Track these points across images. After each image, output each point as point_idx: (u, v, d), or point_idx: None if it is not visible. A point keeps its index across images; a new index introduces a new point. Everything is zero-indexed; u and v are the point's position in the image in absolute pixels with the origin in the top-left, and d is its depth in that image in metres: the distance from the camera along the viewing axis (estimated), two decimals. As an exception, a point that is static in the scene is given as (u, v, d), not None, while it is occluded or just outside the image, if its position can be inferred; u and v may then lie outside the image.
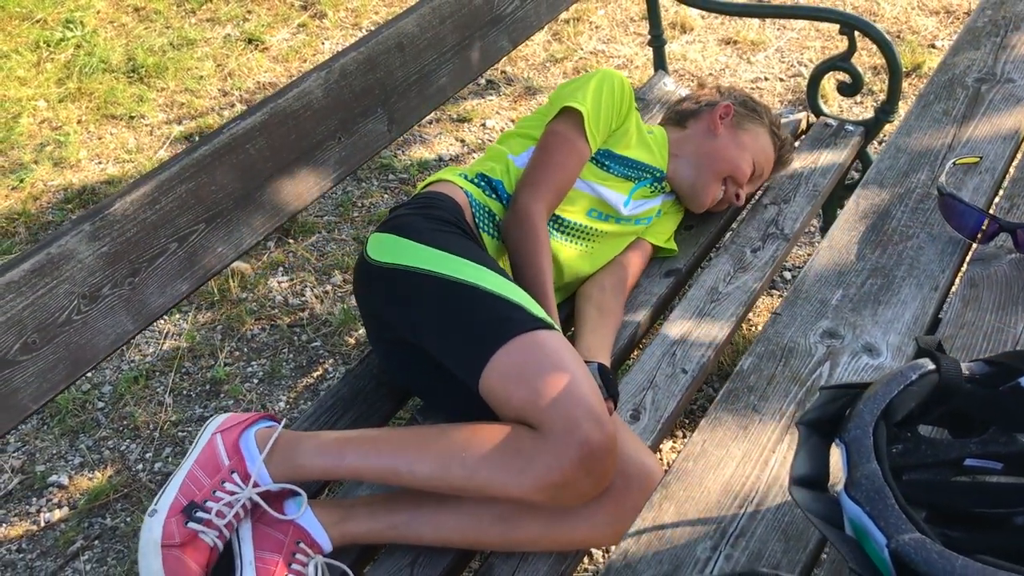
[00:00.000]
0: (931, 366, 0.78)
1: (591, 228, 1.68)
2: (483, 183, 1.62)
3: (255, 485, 1.28)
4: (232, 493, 1.28)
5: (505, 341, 1.29)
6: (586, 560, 1.79)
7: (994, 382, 0.80)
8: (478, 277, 1.37)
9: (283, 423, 1.35)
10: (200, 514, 1.25)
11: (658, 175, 1.76)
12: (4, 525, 1.97)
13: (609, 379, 1.43)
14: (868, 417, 0.74)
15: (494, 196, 1.60)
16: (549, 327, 1.32)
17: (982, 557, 0.65)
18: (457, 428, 1.29)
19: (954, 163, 1.26)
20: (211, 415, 2.15)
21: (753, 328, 2.28)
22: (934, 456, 0.82)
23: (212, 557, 1.27)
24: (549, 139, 1.61)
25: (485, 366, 1.29)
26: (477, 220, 1.56)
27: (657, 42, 2.35)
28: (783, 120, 2.17)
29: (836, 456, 0.84)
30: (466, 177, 1.63)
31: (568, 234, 1.67)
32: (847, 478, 0.72)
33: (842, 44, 2.11)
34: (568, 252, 1.66)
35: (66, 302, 1.20)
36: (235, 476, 1.29)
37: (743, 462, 0.91)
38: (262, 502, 1.28)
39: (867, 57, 3.15)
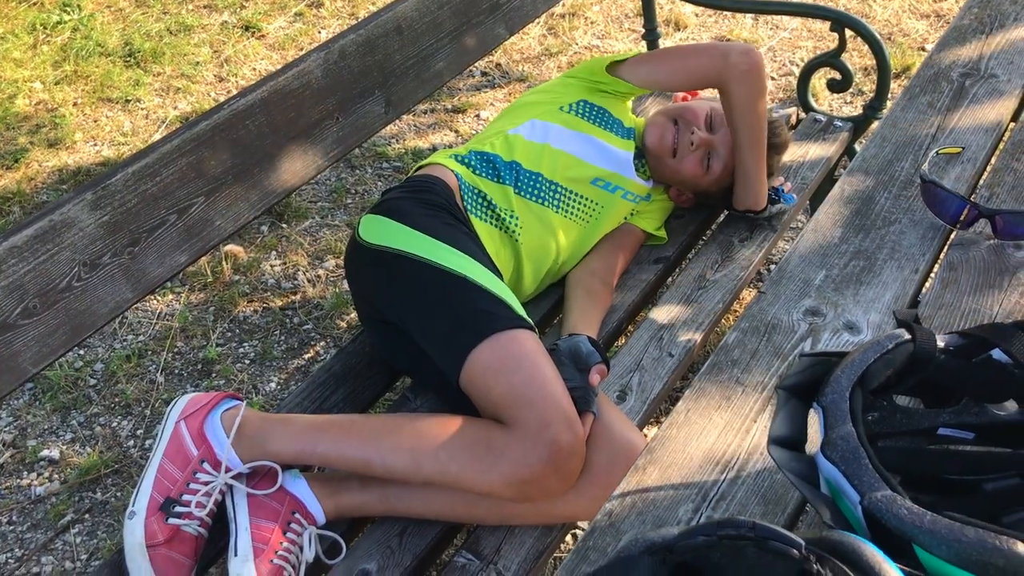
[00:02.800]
0: (907, 336, 0.81)
1: (592, 201, 1.71)
2: (475, 160, 1.64)
3: (227, 470, 1.30)
4: (206, 483, 1.30)
5: (486, 336, 1.33)
6: (569, 539, 1.82)
7: (968, 354, 0.83)
8: (465, 268, 1.40)
9: (244, 404, 1.37)
10: (179, 508, 1.27)
11: (638, 144, 1.81)
12: (-5, 498, 1.99)
13: (599, 347, 1.46)
14: (845, 383, 0.78)
15: (487, 174, 1.62)
16: (529, 327, 1.36)
17: (950, 514, 0.68)
18: (430, 420, 1.32)
19: (937, 152, 1.29)
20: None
21: (736, 320, 2.31)
22: (908, 424, 0.85)
23: (198, 544, 1.30)
24: (646, 59, 1.75)
25: (466, 360, 1.32)
26: (466, 203, 1.59)
27: (651, 35, 2.38)
28: (773, 114, 2.20)
29: (813, 421, 0.88)
30: (458, 158, 1.65)
31: (568, 207, 1.69)
32: (823, 439, 0.75)
33: (833, 43, 2.15)
34: (566, 226, 1.68)
35: (67, 269, 1.22)
36: (205, 465, 1.30)
37: (725, 430, 0.94)
38: (238, 484, 1.30)
39: (858, 58, 3.19)
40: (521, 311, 1.39)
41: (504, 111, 1.80)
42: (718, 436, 0.94)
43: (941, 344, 0.83)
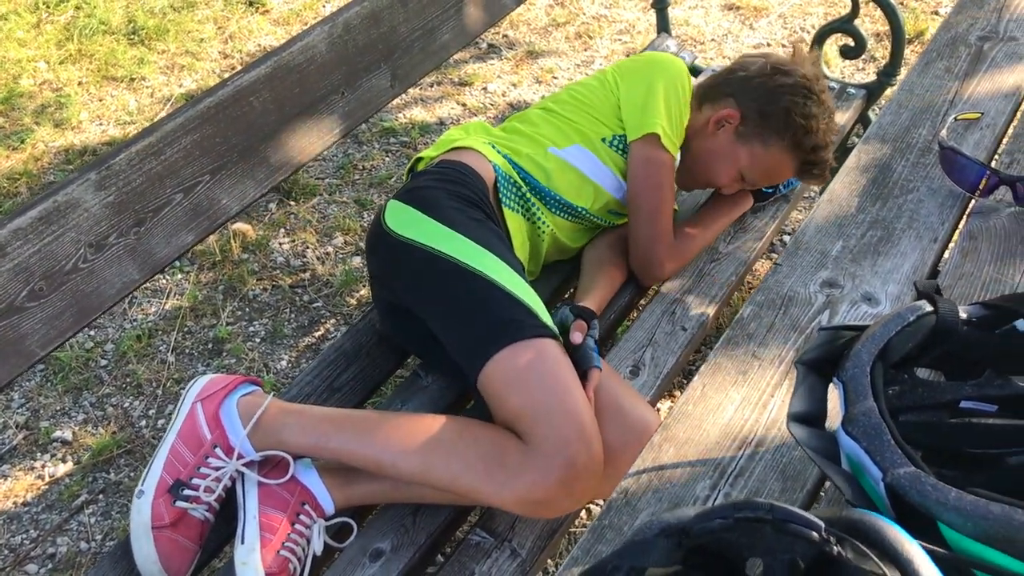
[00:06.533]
0: (929, 308, 0.79)
1: (607, 222, 1.71)
2: (511, 164, 1.58)
3: (239, 457, 1.29)
4: (217, 468, 1.29)
5: (508, 343, 1.29)
6: (584, 515, 1.81)
7: (991, 325, 0.81)
8: (493, 270, 1.36)
9: (270, 397, 1.35)
10: (187, 492, 1.26)
11: None
12: (9, 479, 1.99)
13: (577, 307, 1.47)
14: (866, 357, 0.76)
15: (524, 181, 1.58)
16: (553, 336, 1.33)
17: (975, 490, 0.67)
18: (446, 425, 1.29)
19: (955, 118, 1.27)
20: (214, 373, 2.17)
21: (749, 292, 2.30)
22: (930, 398, 0.84)
23: (204, 529, 1.29)
24: (643, 171, 1.59)
25: (485, 364, 1.29)
26: (501, 195, 1.54)
27: (660, 4, 2.34)
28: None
29: (833, 396, 0.86)
30: (495, 148, 1.59)
31: (598, 225, 1.70)
32: (844, 415, 0.73)
33: (844, 9, 2.11)
34: (591, 231, 1.71)
35: (73, 250, 1.21)
36: (218, 450, 1.29)
37: (742, 406, 0.93)
38: (249, 471, 1.29)
39: (870, 24, 3.14)
40: (547, 318, 1.35)
41: (546, 114, 1.67)
42: (735, 411, 0.92)
43: (964, 315, 0.81)
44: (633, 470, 0.88)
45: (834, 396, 0.82)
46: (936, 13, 3.22)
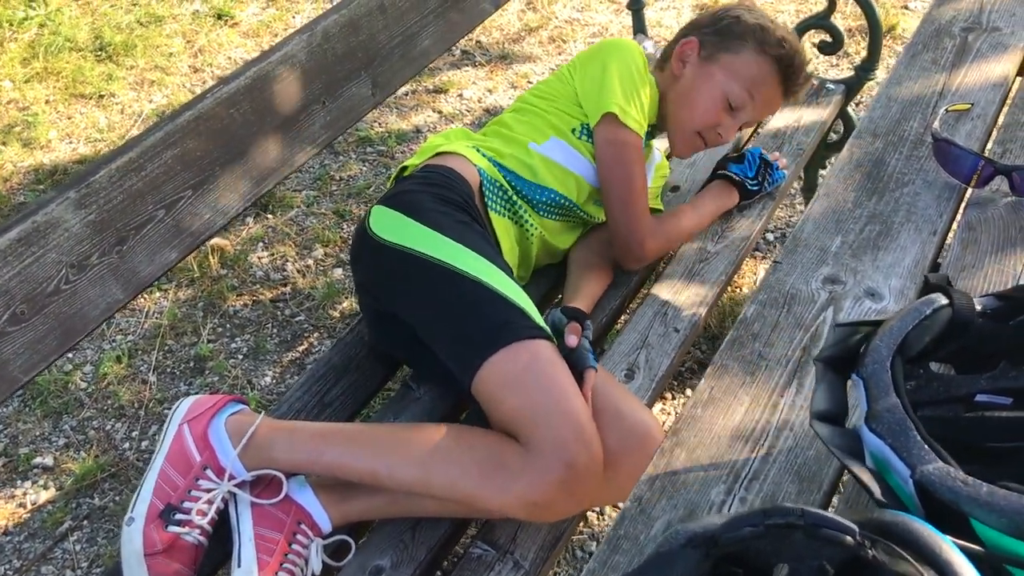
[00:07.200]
0: (944, 301, 0.78)
1: (592, 216, 1.69)
2: (496, 166, 1.57)
3: (231, 478, 1.26)
4: (208, 490, 1.25)
5: (502, 346, 1.26)
6: (582, 524, 1.79)
7: (1004, 316, 0.80)
8: (483, 272, 1.34)
9: (261, 415, 1.32)
10: (179, 516, 1.23)
11: (649, 129, 1.74)
12: (-11, 508, 1.94)
13: (570, 310, 1.45)
14: (885, 352, 0.74)
15: (511, 183, 1.57)
16: (547, 337, 1.31)
17: (1007, 484, 0.65)
18: (441, 434, 1.26)
19: (946, 110, 1.26)
20: (197, 392, 2.13)
21: (737, 291, 2.29)
22: (946, 392, 0.82)
23: (198, 553, 1.25)
24: (608, 153, 1.58)
25: (480, 368, 1.27)
26: (488, 199, 1.52)
27: (636, 5, 2.33)
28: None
29: (852, 393, 0.84)
30: (479, 151, 1.57)
31: (585, 222, 1.69)
32: (867, 412, 0.72)
33: (817, 6, 2.11)
34: (577, 229, 1.69)
35: (54, 271, 1.17)
36: (208, 472, 1.26)
37: (752, 407, 0.91)
38: (242, 492, 1.26)
39: (842, 20, 3.15)
40: (539, 320, 1.33)
41: (522, 116, 1.66)
42: (745, 413, 0.91)
43: (978, 307, 0.80)
44: (645, 477, 0.86)
45: (853, 393, 0.80)
46: (906, 8, 3.24)
